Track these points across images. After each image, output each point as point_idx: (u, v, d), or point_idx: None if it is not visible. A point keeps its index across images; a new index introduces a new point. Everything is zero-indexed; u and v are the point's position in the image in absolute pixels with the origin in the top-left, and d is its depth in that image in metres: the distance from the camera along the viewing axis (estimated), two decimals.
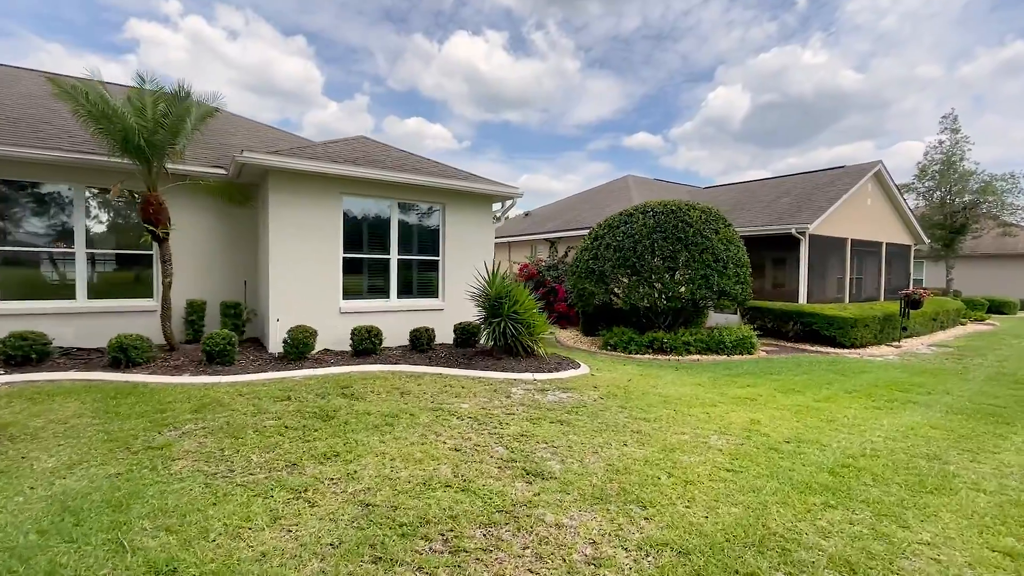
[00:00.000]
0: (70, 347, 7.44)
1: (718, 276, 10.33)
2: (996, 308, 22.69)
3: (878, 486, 3.68)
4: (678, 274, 10.42)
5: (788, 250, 13.62)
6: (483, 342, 8.09)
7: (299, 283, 7.99)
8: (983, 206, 22.53)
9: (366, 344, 7.80)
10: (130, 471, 3.55)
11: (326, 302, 8.27)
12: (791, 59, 66.66)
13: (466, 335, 8.75)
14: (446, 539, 2.85)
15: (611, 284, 10.99)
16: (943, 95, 60.13)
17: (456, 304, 9.35)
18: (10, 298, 7.39)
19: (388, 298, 9.00)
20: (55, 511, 2.97)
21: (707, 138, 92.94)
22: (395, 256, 9.00)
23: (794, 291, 13.46)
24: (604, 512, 3.23)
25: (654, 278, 10.40)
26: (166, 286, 7.10)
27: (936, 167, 23.08)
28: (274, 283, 7.78)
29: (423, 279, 9.46)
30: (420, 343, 8.37)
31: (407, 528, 2.92)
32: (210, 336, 6.80)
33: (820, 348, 11.55)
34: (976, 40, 53.12)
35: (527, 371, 7.46)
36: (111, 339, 6.50)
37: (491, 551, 2.76)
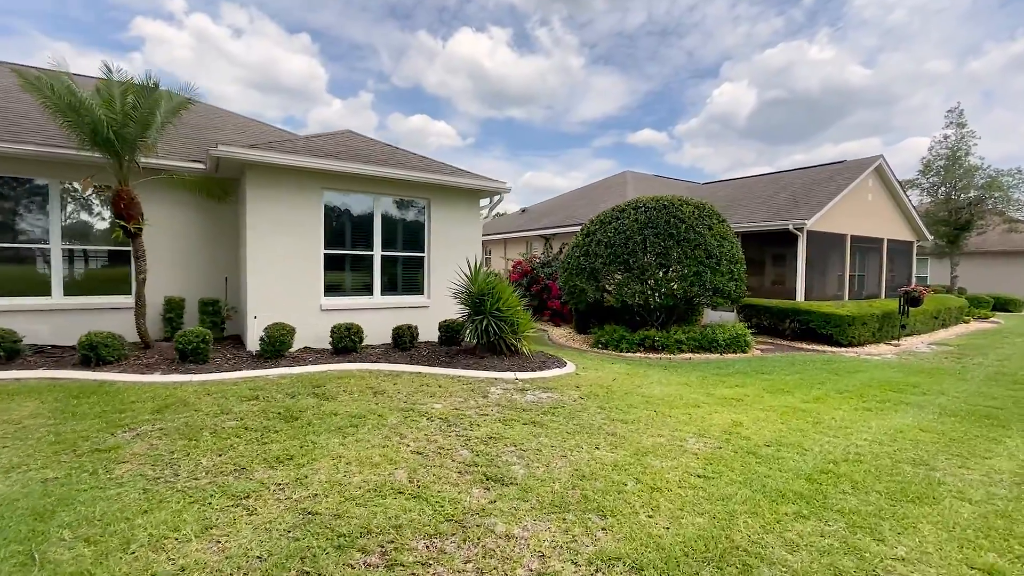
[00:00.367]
0: (44, 344, 7.32)
1: (711, 273, 10.10)
2: (1001, 306, 22.31)
3: (857, 494, 3.48)
4: (670, 271, 10.20)
5: (786, 246, 13.35)
6: (467, 340, 7.91)
7: (278, 280, 7.83)
8: (989, 202, 22.11)
9: (345, 342, 7.63)
10: (68, 476, 3.39)
11: (307, 299, 8.11)
12: (797, 55, 66.02)
13: (450, 333, 8.57)
14: (384, 551, 2.67)
15: (602, 281, 10.78)
16: (952, 90, 59.37)
17: (442, 301, 9.17)
18: None
19: (371, 295, 8.83)
20: None
21: (712, 135, 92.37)
22: (378, 252, 8.83)
23: (792, 288, 13.19)
24: (560, 522, 3.04)
25: (646, 275, 10.18)
26: (139, 283, 6.95)
27: (941, 162, 22.65)
28: (252, 280, 7.62)
29: (408, 276, 9.29)
30: (402, 341, 8.20)
31: (345, 539, 2.75)
32: (183, 334, 6.65)
33: (817, 347, 11.31)
34: (985, 35, 52.35)
35: (509, 370, 7.27)
36: (81, 337, 6.36)
37: (430, 565, 2.58)
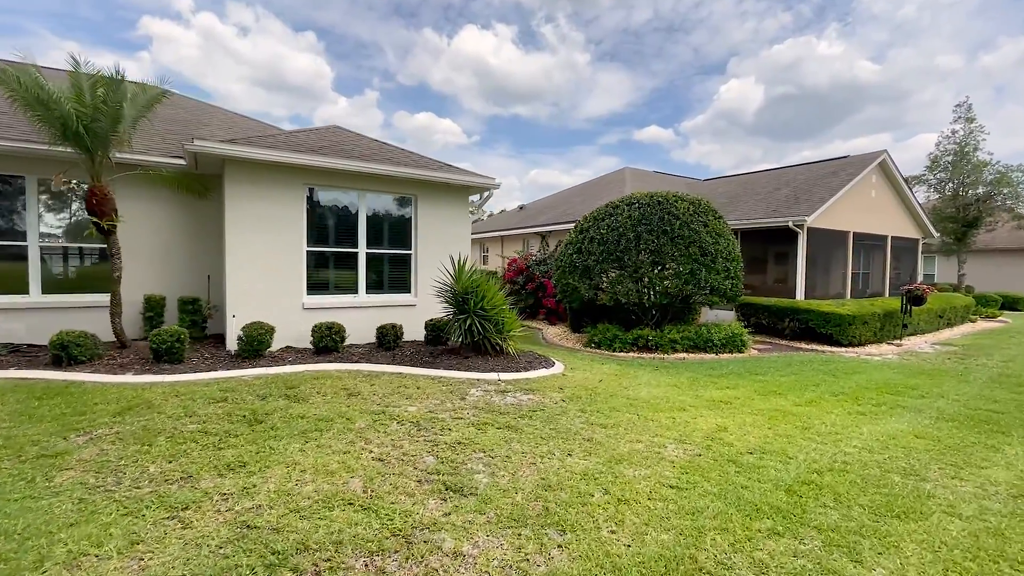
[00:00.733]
0: (21, 343, 7.20)
1: (706, 271, 9.85)
2: (1010, 304, 21.85)
3: (838, 508, 3.25)
4: (664, 269, 9.95)
5: (786, 244, 13.06)
6: (454, 340, 7.72)
7: (259, 278, 7.66)
8: (998, 198, 21.64)
9: (326, 341, 7.46)
10: (3, 484, 3.23)
11: (288, 298, 7.94)
12: (806, 50, 65.27)
13: (436, 332, 8.38)
14: (318, 571, 2.48)
15: (596, 279, 10.54)
16: (963, 86, 58.43)
17: (430, 300, 8.97)
18: None
19: (356, 294, 8.65)
20: None
21: (719, 131, 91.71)
22: (363, 250, 8.64)
23: (791, 286, 12.91)
24: (515, 537, 2.84)
25: (639, 273, 9.94)
26: (115, 280, 6.81)
27: (948, 158, 22.19)
28: (231, 278, 7.46)
29: (395, 274, 9.10)
30: (386, 340, 8.01)
31: (278, 557, 2.56)
32: (156, 333, 6.50)
33: (816, 346, 11.03)
34: (998, 29, 51.43)
35: (493, 371, 7.08)
36: (52, 336, 6.22)
37: None
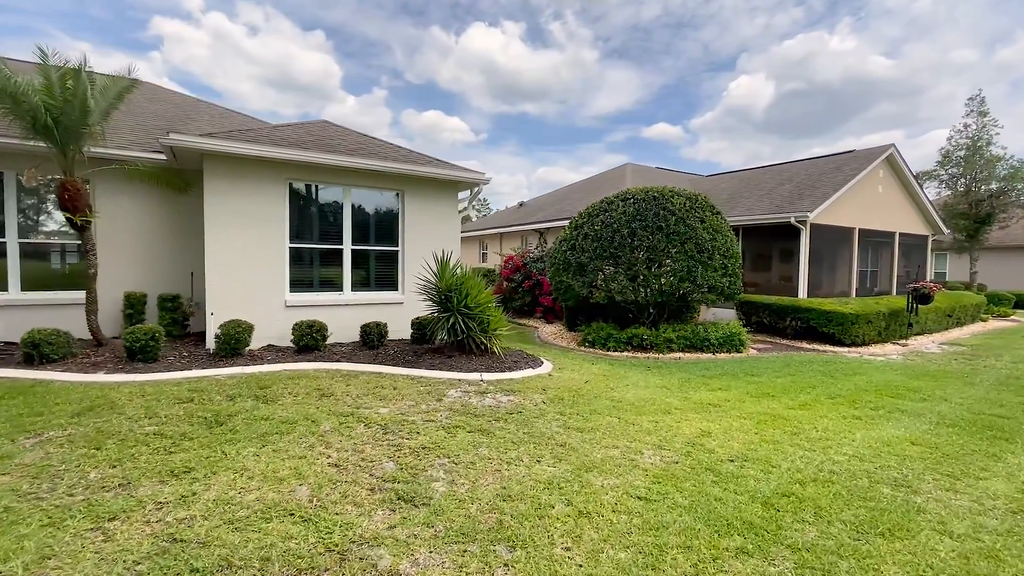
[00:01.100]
0: None
1: (703, 268, 9.55)
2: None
3: (818, 524, 3.00)
4: (659, 266, 9.67)
5: (788, 241, 12.70)
6: (440, 339, 7.52)
7: (240, 275, 7.51)
8: (1012, 194, 21.03)
9: (307, 340, 7.29)
10: None
11: (270, 295, 7.78)
12: (818, 45, 64.28)
13: (423, 331, 8.19)
14: None
15: (589, 276, 10.29)
16: (979, 81, 57.18)
17: (417, 297, 8.78)
18: None
19: (341, 291, 8.48)
20: None
21: (728, 128, 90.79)
22: (348, 246, 8.46)
23: (794, 285, 12.55)
24: (460, 555, 2.63)
25: (633, 270, 9.66)
26: (90, 277, 6.67)
27: (961, 153, 21.60)
28: (211, 275, 7.31)
29: (381, 271, 8.91)
30: (370, 339, 7.83)
31: (196, 575, 2.37)
32: (131, 331, 6.36)
33: (818, 346, 10.70)
34: (1015, 22, 50.17)
35: (476, 371, 6.87)
36: (23, 334, 6.10)
37: None
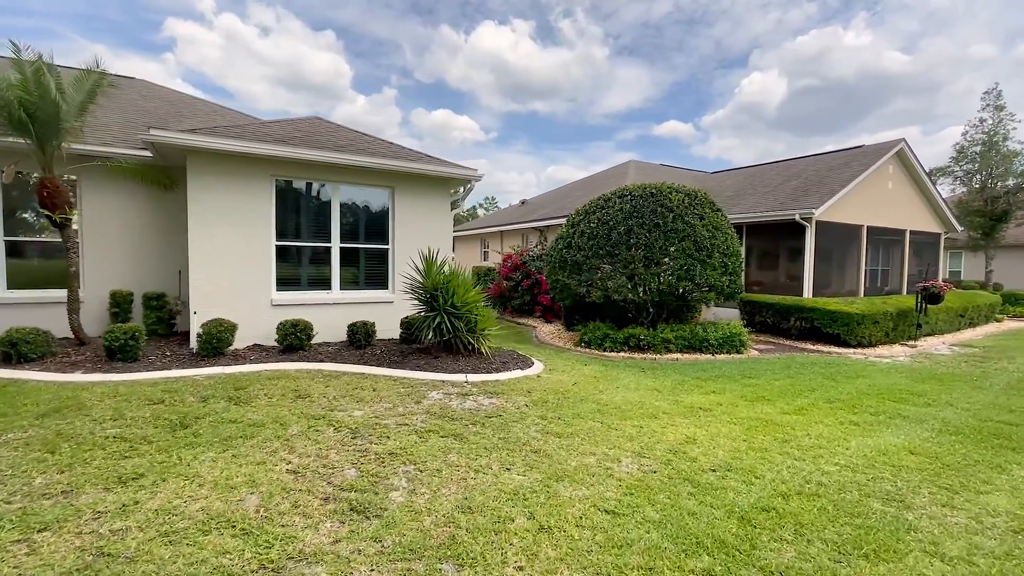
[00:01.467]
0: None
1: (701, 266, 9.28)
2: None
3: (796, 543, 2.77)
4: (656, 264, 9.41)
5: (793, 238, 12.35)
6: (424, 338, 7.35)
7: (225, 273, 7.39)
8: None
9: (291, 340, 7.16)
10: None
11: (256, 294, 7.66)
12: (832, 41, 63.20)
13: (411, 330, 8.02)
14: None
15: (585, 275, 10.05)
16: (999, 76, 55.77)
17: (407, 296, 8.62)
18: None
19: (329, 290, 8.34)
20: None
21: (740, 126, 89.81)
22: (337, 244, 8.32)
23: (800, 283, 12.21)
24: (403, 573, 2.44)
25: (629, 269, 9.42)
26: (71, 276, 6.61)
27: (976, 148, 20.97)
28: (194, 273, 7.20)
29: (371, 269, 8.76)
30: (357, 339, 7.68)
31: None
32: (110, 330, 6.27)
33: (822, 347, 10.36)
34: None
35: (462, 371, 6.69)
36: (1, 333, 6.03)
37: None
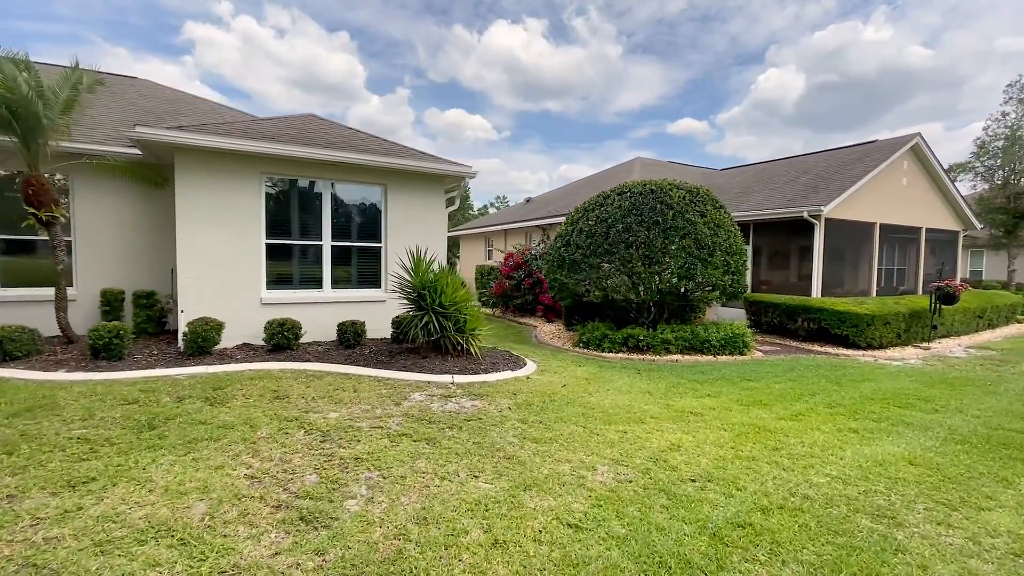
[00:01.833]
0: None
1: (702, 265, 9.00)
2: None
3: (770, 564, 2.55)
4: (655, 263, 9.15)
5: (802, 237, 11.97)
6: (412, 337, 7.20)
7: (213, 272, 7.33)
8: None
9: (278, 339, 7.07)
10: None
11: (246, 293, 7.59)
12: (851, 36, 61.86)
13: (402, 329, 7.88)
14: None
15: (583, 275, 9.83)
16: None
17: (398, 296, 8.49)
18: None
19: (321, 288, 8.24)
20: None
21: (756, 123, 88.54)
22: (328, 242, 8.22)
23: (807, 283, 11.83)
24: None
25: (627, 267, 9.17)
26: (58, 274, 6.59)
27: (999, 143, 20.26)
28: (183, 272, 7.15)
29: (363, 268, 8.65)
30: (346, 338, 7.57)
31: None
32: (95, 328, 6.23)
33: (831, 349, 10.00)
34: None
35: (449, 372, 6.53)
36: None
37: None
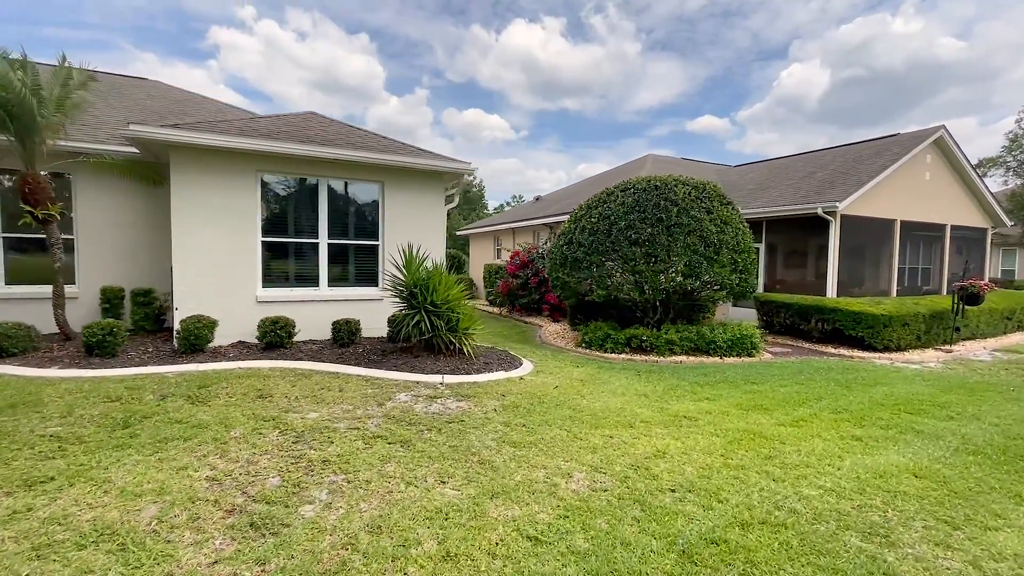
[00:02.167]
0: None
1: (707, 263, 8.70)
2: None
3: None
4: (658, 261, 8.86)
5: (817, 234, 11.53)
6: (406, 336, 7.10)
7: (209, 269, 7.33)
8: None
9: (271, 337, 7.04)
10: None
11: (241, 290, 7.58)
12: (878, 29, 60.00)
13: (398, 328, 7.78)
14: None
15: (585, 273, 9.60)
16: None
17: (391, 294, 8.40)
18: None
19: (317, 287, 8.19)
20: None
21: (779, 120, 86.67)
22: (324, 240, 8.17)
23: (823, 282, 11.39)
24: None
25: (629, 266, 8.92)
26: (55, 272, 6.66)
27: None
28: (178, 269, 7.17)
29: (360, 266, 8.58)
30: (340, 337, 7.50)
31: None
32: (88, 326, 6.27)
33: (845, 351, 9.58)
34: None
35: (440, 372, 6.40)
36: None
37: None
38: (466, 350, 6.99)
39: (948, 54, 58.07)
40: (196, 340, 6.65)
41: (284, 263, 8.05)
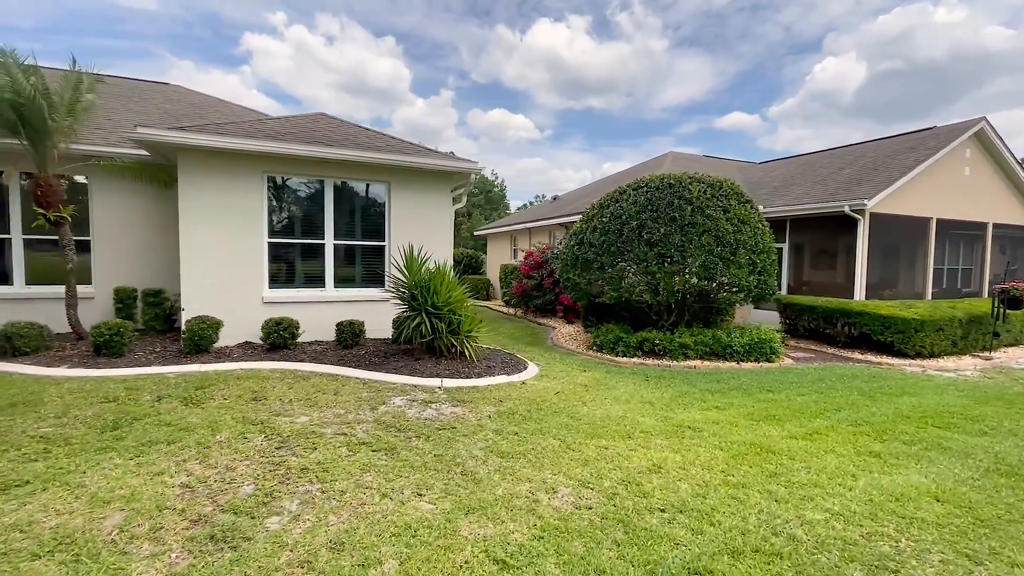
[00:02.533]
0: None
1: (723, 264, 8.34)
2: None
3: None
4: (671, 261, 8.54)
5: (845, 234, 10.97)
6: (408, 339, 7.00)
7: (216, 270, 7.39)
8: None
9: (275, 338, 7.04)
10: None
11: (248, 291, 7.62)
12: (918, 19, 57.47)
13: (399, 330, 7.70)
14: None
15: (595, 274, 9.35)
16: None
17: (393, 296, 8.32)
18: None
19: (323, 287, 8.18)
20: None
21: (812, 115, 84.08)
22: (330, 241, 8.15)
23: (850, 284, 10.83)
24: None
25: (641, 267, 8.62)
26: (68, 272, 6.80)
27: None
28: (185, 270, 7.24)
29: (367, 267, 8.54)
30: (344, 338, 7.46)
31: None
32: (96, 326, 6.38)
33: (873, 357, 9.06)
34: None
35: (439, 375, 6.27)
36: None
37: None
38: (468, 353, 6.84)
39: (995, 43, 55.18)
40: (201, 341, 6.70)
41: (290, 264, 8.06)
